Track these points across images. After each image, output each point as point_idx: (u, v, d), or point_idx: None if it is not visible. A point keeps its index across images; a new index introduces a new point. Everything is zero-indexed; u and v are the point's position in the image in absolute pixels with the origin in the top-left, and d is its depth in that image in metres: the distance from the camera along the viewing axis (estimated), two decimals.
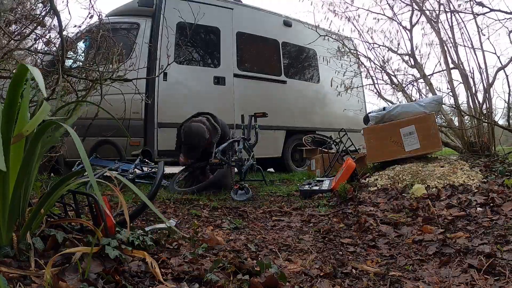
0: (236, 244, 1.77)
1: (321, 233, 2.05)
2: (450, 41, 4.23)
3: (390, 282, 1.37)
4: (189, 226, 2.09)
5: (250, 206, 2.81)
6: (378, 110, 3.58)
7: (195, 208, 2.59)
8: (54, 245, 1.25)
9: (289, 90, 5.88)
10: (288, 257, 1.62)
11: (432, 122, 3.21)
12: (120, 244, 1.29)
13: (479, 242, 1.70)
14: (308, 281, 1.35)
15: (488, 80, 3.87)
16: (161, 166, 2.01)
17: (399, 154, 3.25)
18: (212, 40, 5.29)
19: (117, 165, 3.73)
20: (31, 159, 1.19)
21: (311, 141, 5.43)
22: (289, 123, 5.84)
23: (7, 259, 1.09)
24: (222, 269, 1.32)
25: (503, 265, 1.45)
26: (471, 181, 2.65)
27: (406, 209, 2.34)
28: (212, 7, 5.12)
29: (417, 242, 1.83)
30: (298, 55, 6.23)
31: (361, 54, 5.21)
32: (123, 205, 1.29)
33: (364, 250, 1.77)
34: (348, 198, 2.73)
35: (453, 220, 2.06)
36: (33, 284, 1.03)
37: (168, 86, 4.66)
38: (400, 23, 4.83)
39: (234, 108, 5.10)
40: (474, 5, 3.81)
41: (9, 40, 2.58)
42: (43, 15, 2.63)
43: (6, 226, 1.15)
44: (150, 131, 4.56)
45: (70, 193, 1.56)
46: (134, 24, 4.78)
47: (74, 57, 3.36)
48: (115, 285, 1.11)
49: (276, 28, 5.94)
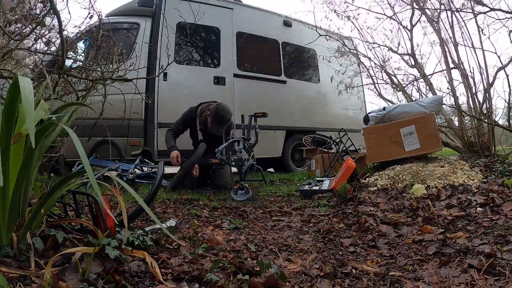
0: (236, 244, 1.77)
1: (321, 233, 2.05)
2: (451, 41, 4.24)
3: (390, 282, 1.37)
4: (189, 226, 2.10)
5: (250, 206, 2.81)
6: (378, 110, 3.58)
7: (195, 208, 2.60)
8: (54, 245, 1.25)
9: (289, 90, 5.88)
10: (288, 257, 1.62)
11: (432, 122, 3.21)
12: (120, 244, 1.29)
13: (479, 242, 1.70)
14: (308, 281, 1.35)
15: (488, 80, 3.87)
16: (161, 166, 2.01)
17: (399, 154, 3.25)
18: (212, 40, 5.29)
19: (117, 165, 3.72)
20: (31, 159, 1.19)
21: (311, 141, 5.43)
22: (289, 123, 5.84)
23: (7, 259, 1.09)
24: (222, 269, 1.32)
25: (503, 265, 1.45)
26: (471, 181, 2.65)
27: (406, 209, 2.34)
28: (212, 7, 5.12)
29: (417, 242, 1.83)
30: (298, 55, 6.23)
31: (361, 54, 5.21)
32: (121, 207, 1.29)
33: (364, 250, 1.77)
34: (348, 198, 2.73)
35: (453, 220, 2.06)
36: (33, 284, 1.03)
37: (168, 86, 4.66)
38: (400, 22, 4.83)
39: (234, 108, 5.10)
40: (475, 5, 3.81)
41: (9, 40, 2.58)
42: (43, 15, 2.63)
43: (6, 226, 1.15)
44: (150, 131, 4.57)
45: (70, 193, 1.56)
46: (134, 24, 4.78)
47: (74, 57, 3.36)
48: (115, 285, 1.11)
49: (276, 28, 5.94)
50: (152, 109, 4.54)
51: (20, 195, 1.19)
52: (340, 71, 5.36)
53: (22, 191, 1.19)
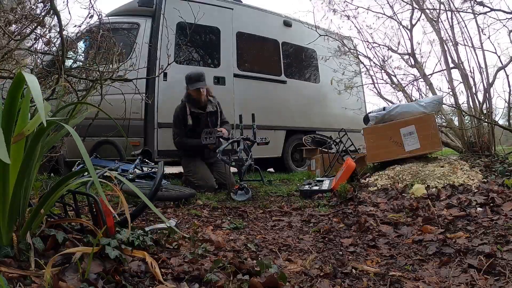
0: (236, 244, 1.77)
1: (321, 233, 2.05)
2: (451, 40, 4.23)
3: (390, 282, 1.36)
4: (189, 226, 2.10)
5: (250, 206, 2.81)
6: (378, 110, 3.58)
7: (195, 208, 2.60)
8: (54, 245, 1.25)
9: (289, 90, 5.88)
10: (288, 257, 1.62)
11: (432, 122, 3.21)
12: (120, 244, 1.29)
13: (479, 242, 1.70)
14: (308, 281, 1.35)
15: (488, 80, 3.87)
16: (161, 166, 2.01)
17: (399, 154, 3.25)
18: (212, 40, 5.28)
19: (117, 165, 3.73)
20: (31, 159, 1.19)
21: (311, 141, 5.44)
22: (289, 123, 5.84)
23: (7, 259, 1.09)
24: (222, 269, 1.32)
25: (503, 265, 1.45)
26: (471, 181, 2.65)
27: (406, 209, 2.34)
28: (212, 7, 5.12)
29: (417, 242, 1.83)
30: (298, 55, 6.23)
31: (360, 53, 5.21)
32: (124, 204, 1.29)
33: (364, 250, 1.77)
34: (348, 198, 2.73)
35: (453, 220, 2.06)
36: (33, 284, 1.03)
37: (168, 86, 4.66)
38: (400, 22, 4.83)
39: (234, 108, 5.10)
40: (475, 5, 3.81)
41: (9, 40, 2.58)
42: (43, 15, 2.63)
43: (6, 226, 1.15)
44: (150, 131, 4.57)
45: (70, 193, 1.56)
46: (134, 24, 4.78)
47: (74, 57, 3.36)
48: (115, 285, 1.11)
49: (276, 28, 5.93)
50: (152, 109, 4.54)
51: (20, 195, 1.19)
52: (340, 71, 5.36)
53: (22, 191, 1.19)
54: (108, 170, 1.67)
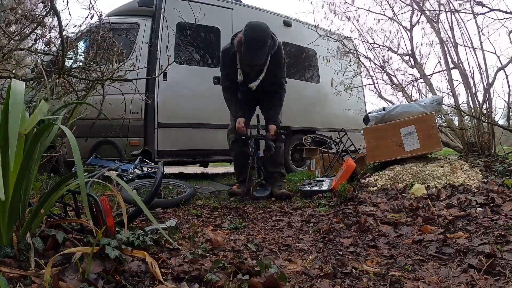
0: (236, 244, 1.77)
1: (321, 233, 2.05)
2: (450, 41, 4.24)
3: (390, 282, 1.36)
4: (189, 226, 2.10)
5: (250, 206, 2.81)
6: (378, 110, 3.58)
7: (195, 208, 2.60)
8: (54, 245, 1.25)
9: (289, 90, 5.85)
10: (288, 257, 1.62)
11: (432, 122, 3.21)
12: (120, 244, 1.29)
13: (479, 242, 1.70)
14: (308, 281, 1.35)
15: (488, 80, 3.87)
16: (161, 166, 2.01)
17: (399, 154, 3.25)
18: (212, 40, 5.28)
19: (117, 165, 3.72)
20: (30, 159, 1.19)
21: (311, 141, 5.43)
22: (289, 123, 5.83)
23: (7, 259, 1.09)
24: (222, 269, 1.32)
25: (503, 265, 1.45)
26: (471, 181, 2.65)
27: (406, 209, 2.34)
28: (212, 7, 5.11)
29: (417, 242, 1.83)
30: (298, 55, 6.22)
31: (361, 54, 5.21)
32: (122, 206, 1.29)
33: (364, 250, 1.77)
34: (348, 198, 2.73)
35: (453, 220, 2.06)
36: (33, 284, 1.03)
37: (168, 86, 4.66)
38: (400, 23, 4.84)
39: None
40: (474, 5, 3.81)
41: (9, 40, 2.58)
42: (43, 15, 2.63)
43: (6, 226, 1.15)
44: (150, 131, 4.57)
45: (70, 193, 1.56)
46: (134, 24, 4.78)
47: (74, 57, 3.36)
48: (115, 285, 1.11)
49: (276, 28, 5.91)
50: (152, 109, 4.54)
51: (20, 195, 1.19)
52: (340, 71, 5.35)
53: (22, 191, 1.19)
54: (107, 170, 1.67)
